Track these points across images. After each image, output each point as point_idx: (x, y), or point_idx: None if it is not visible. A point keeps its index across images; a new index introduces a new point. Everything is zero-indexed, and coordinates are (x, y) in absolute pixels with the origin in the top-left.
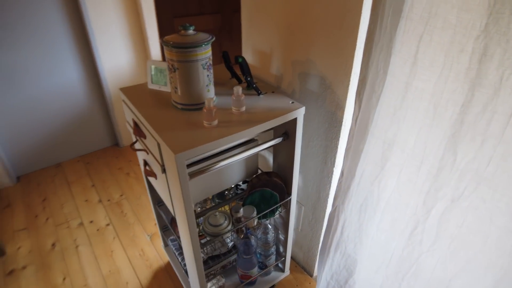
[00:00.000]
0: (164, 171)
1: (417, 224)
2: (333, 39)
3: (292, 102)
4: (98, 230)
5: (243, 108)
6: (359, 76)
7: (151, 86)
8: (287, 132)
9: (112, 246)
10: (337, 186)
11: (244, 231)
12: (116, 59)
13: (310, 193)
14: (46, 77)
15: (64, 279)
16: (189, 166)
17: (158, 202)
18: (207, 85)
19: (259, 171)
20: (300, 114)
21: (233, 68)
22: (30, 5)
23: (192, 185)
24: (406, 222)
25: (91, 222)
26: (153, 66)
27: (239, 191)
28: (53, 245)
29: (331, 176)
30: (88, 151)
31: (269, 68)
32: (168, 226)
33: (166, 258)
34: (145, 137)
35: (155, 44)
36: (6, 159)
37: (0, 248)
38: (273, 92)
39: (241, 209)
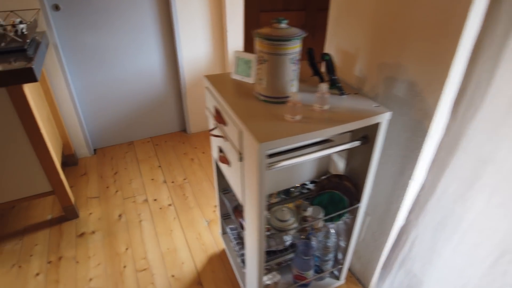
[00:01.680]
0: (241, 159)
1: (504, 253)
2: (431, 44)
3: (377, 106)
4: (160, 208)
5: (326, 106)
6: (460, 86)
7: (234, 76)
8: (366, 136)
9: (172, 225)
10: (415, 200)
11: (308, 231)
12: (195, 49)
13: (379, 203)
14: (133, 60)
15: (126, 249)
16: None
17: (223, 189)
18: (292, 80)
19: (329, 173)
20: (384, 118)
21: (317, 66)
22: None
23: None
24: (490, 248)
25: (155, 200)
26: (239, 57)
27: (305, 190)
28: (120, 216)
29: (406, 189)
30: (158, 134)
31: (352, 69)
32: (230, 214)
33: (221, 245)
34: (225, 124)
35: (234, 37)
36: (87, 131)
37: (74, 211)
38: (356, 93)
39: (310, 208)
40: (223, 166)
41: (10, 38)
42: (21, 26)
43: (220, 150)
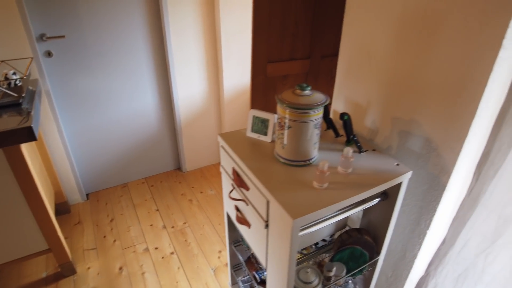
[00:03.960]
0: (267, 226)
1: None
2: (447, 104)
3: (397, 164)
4: (163, 258)
5: (351, 170)
6: (484, 150)
7: (250, 134)
8: (386, 192)
9: (177, 276)
10: (435, 253)
11: None
12: (190, 89)
13: (393, 250)
14: (127, 101)
15: None
16: None
17: (234, 241)
18: (314, 143)
19: (347, 227)
20: (406, 178)
21: (332, 121)
22: (121, 36)
23: None
24: None
25: (156, 248)
26: (255, 116)
27: (320, 242)
28: (120, 269)
29: (423, 238)
30: (152, 173)
31: (363, 120)
32: (240, 265)
33: None
34: (247, 189)
35: (229, 76)
36: (79, 176)
37: (72, 267)
38: (374, 150)
39: (334, 268)
40: (240, 227)
41: (3, 93)
42: (15, 77)
43: (237, 209)
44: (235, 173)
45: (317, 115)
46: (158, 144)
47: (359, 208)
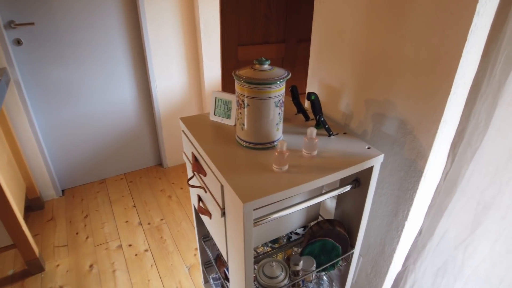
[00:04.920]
0: (223, 214)
1: None
2: (421, 82)
3: (369, 147)
4: (136, 255)
5: (315, 152)
6: (457, 128)
7: (213, 118)
8: (357, 179)
9: (149, 274)
10: (412, 245)
11: (300, 286)
12: (170, 81)
13: (372, 244)
14: (102, 93)
15: None
16: None
17: (203, 236)
18: (277, 124)
19: (320, 218)
20: (377, 162)
21: (301, 103)
22: (94, 25)
23: None
24: None
25: (130, 245)
26: (217, 98)
27: (293, 236)
28: (91, 266)
29: (401, 230)
30: (132, 169)
31: (337, 104)
32: (211, 262)
33: None
34: (205, 175)
35: (211, 67)
36: (54, 171)
37: (39, 264)
38: (344, 133)
39: (301, 261)
40: (204, 218)
41: None
42: None
43: (199, 199)
44: (194, 158)
45: (278, 91)
46: (137, 138)
47: (327, 196)
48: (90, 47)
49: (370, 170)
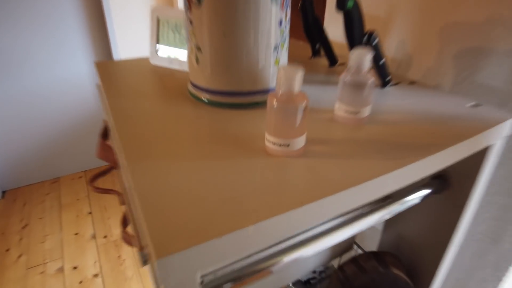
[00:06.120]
0: (145, 263)
1: None
2: None
3: (475, 104)
4: (80, 282)
5: (367, 111)
6: None
7: (155, 61)
8: (444, 175)
9: None
10: None
11: None
12: (138, 46)
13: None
14: (49, 67)
15: None
16: None
17: None
18: (275, 48)
19: (354, 247)
20: (501, 136)
21: (327, 38)
22: None
23: None
24: None
25: (75, 268)
26: (161, 20)
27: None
28: None
29: (505, 270)
30: (94, 166)
31: (383, 43)
32: None
33: None
34: (116, 166)
35: None
36: None
37: None
38: (412, 83)
39: None
40: None
41: None
42: None
43: (125, 220)
44: (103, 131)
45: None
46: (99, 127)
47: (379, 215)
48: (34, 8)
49: (481, 154)
